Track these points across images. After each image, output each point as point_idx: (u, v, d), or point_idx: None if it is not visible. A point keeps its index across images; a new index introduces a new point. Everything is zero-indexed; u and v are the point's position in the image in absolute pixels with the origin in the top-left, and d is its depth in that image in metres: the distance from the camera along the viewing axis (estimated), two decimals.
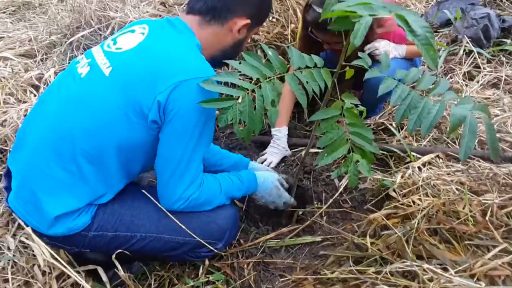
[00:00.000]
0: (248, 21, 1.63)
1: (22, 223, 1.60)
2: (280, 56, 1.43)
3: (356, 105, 1.48)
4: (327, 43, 2.31)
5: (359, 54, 1.44)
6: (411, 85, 1.41)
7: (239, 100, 1.32)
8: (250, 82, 1.33)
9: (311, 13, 2.19)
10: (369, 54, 2.34)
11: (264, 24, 2.81)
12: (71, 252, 1.74)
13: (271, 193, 1.97)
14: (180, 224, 1.66)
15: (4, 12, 4.18)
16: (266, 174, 1.99)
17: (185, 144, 1.52)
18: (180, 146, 1.53)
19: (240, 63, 1.32)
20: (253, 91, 1.35)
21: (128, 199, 1.68)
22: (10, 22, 3.93)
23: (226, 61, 1.46)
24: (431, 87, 1.39)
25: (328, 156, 1.46)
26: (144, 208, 1.67)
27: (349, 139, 1.46)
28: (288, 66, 1.47)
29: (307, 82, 1.36)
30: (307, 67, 1.42)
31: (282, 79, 1.39)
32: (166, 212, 1.64)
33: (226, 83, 1.49)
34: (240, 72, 1.39)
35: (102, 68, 1.52)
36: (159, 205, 1.65)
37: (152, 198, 1.66)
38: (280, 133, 2.54)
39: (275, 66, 1.37)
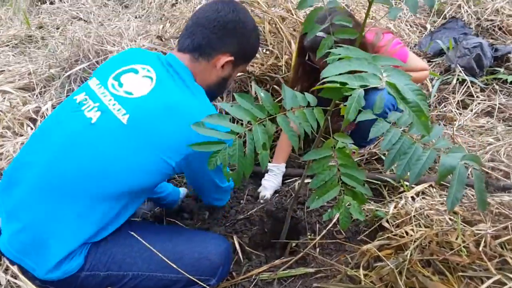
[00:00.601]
0: (231, 58, 1.73)
1: (8, 263, 1.59)
2: (271, 98, 1.44)
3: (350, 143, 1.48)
4: (324, 68, 2.33)
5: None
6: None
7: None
8: (241, 124, 1.34)
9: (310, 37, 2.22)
10: None
11: (258, 55, 2.85)
12: None
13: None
14: (170, 263, 1.66)
15: (7, 45, 4.24)
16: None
17: (210, 174, 1.82)
18: (208, 177, 1.83)
19: (232, 106, 1.33)
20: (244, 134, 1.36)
21: (121, 236, 1.67)
22: (13, 55, 3.99)
23: (219, 104, 1.53)
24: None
25: (319, 199, 1.45)
26: (135, 246, 1.66)
27: (341, 180, 1.45)
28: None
29: (299, 123, 1.37)
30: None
31: (274, 121, 1.40)
32: (156, 252, 1.66)
33: None
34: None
35: (117, 115, 1.54)
36: (148, 245, 1.67)
37: (141, 239, 1.67)
38: (278, 169, 2.57)
39: (266, 107, 1.37)
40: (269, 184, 2.52)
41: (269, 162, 2.59)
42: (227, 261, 1.83)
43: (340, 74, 1.09)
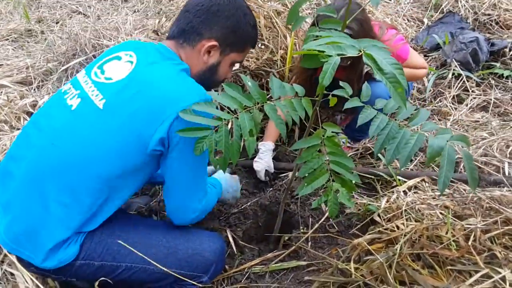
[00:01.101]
0: (214, 43, 1.67)
1: (6, 251, 1.61)
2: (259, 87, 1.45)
3: (338, 133, 1.50)
4: None
5: (340, 83, 1.45)
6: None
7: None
8: (229, 113, 1.35)
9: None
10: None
11: (253, 50, 2.85)
12: (59, 281, 1.77)
13: (232, 184, 2.18)
14: (155, 262, 1.68)
15: (6, 39, 4.25)
16: (218, 173, 2.20)
17: (191, 166, 1.61)
18: (187, 170, 1.62)
19: (219, 94, 1.35)
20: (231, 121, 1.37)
21: (116, 228, 1.69)
22: (12, 49, 3.99)
23: (208, 92, 1.49)
24: (410, 116, 1.39)
25: (308, 186, 1.46)
26: (132, 238, 1.68)
27: (329, 168, 1.46)
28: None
29: (287, 112, 1.38)
30: None
31: (262, 110, 1.41)
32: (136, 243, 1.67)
33: None
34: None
35: (95, 101, 1.55)
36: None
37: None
38: (264, 147, 2.59)
39: (254, 96, 1.39)
40: (258, 165, 2.54)
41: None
42: (220, 259, 1.83)
43: (320, 45, 1.12)
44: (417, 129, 1.36)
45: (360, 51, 1.10)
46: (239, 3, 1.71)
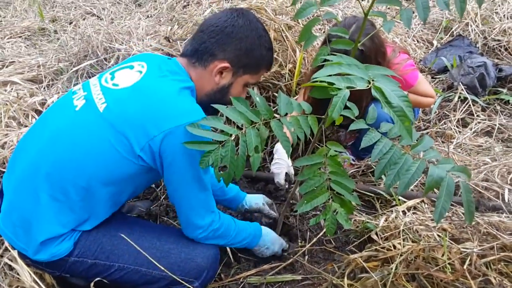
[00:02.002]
0: (227, 64, 1.66)
1: (8, 246, 1.64)
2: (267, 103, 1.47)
3: (341, 152, 1.51)
4: None
5: (347, 103, 1.46)
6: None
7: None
8: (237, 128, 1.37)
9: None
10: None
11: None
12: (54, 276, 1.80)
13: (275, 243, 2.08)
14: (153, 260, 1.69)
15: (20, 37, 4.30)
16: (266, 228, 2.09)
17: (190, 181, 1.61)
18: (186, 184, 1.61)
19: (227, 107, 1.37)
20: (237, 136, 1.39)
21: (112, 228, 1.72)
22: (25, 47, 4.04)
23: (214, 105, 1.49)
24: (414, 143, 1.40)
25: (307, 203, 1.48)
26: (125, 239, 1.70)
27: (330, 188, 1.47)
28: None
29: (293, 130, 1.39)
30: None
31: (268, 125, 1.42)
32: (136, 247, 1.68)
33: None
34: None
35: (97, 104, 1.58)
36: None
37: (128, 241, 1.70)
38: (281, 148, 2.49)
39: (261, 112, 1.40)
40: (277, 167, 2.39)
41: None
42: (213, 266, 1.83)
43: (329, 75, 1.13)
44: (420, 156, 1.37)
45: (369, 83, 1.10)
46: (255, 25, 1.69)
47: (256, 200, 2.28)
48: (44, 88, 3.24)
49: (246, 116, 1.38)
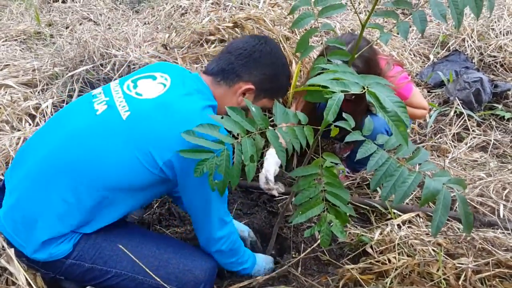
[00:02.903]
0: (251, 86, 1.73)
1: (5, 245, 1.61)
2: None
3: (337, 164, 1.50)
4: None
5: (344, 115, 1.46)
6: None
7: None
8: (232, 137, 1.36)
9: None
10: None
11: None
12: (47, 277, 1.76)
13: (268, 261, 2.13)
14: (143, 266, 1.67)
15: (15, 40, 4.28)
16: (263, 257, 2.12)
17: (209, 198, 1.65)
18: (201, 196, 1.65)
19: (222, 117, 1.36)
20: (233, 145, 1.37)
21: (112, 234, 1.70)
22: (20, 50, 4.02)
23: (210, 115, 1.50)
24: (410, 155, 1.40)
25: (302, 214, 1.47)
26: (125, 245, 1.69)
27: (325, 199, 1.47)
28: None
29: (289, 140, 1.39)
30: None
31: (263, 135, 1.42)
32: (129, 255, 1.66)
33: None
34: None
35: (120, 111, 1.59)
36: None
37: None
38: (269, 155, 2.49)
39: (257, 122, 1.39)
40: (267, 163, 2.39)
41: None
42: (210, 280, 1.81)
43: (324, 80, 1.13)
44: (416, 168, 1.36)
45: (364, 88, 1.11)
46: (279, 54, 1.79)
47: (242, 228, 2.29)
48: (38, 92, 3.22)
49: (241, 125, 1.37)
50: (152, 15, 4.41)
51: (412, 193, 2.50)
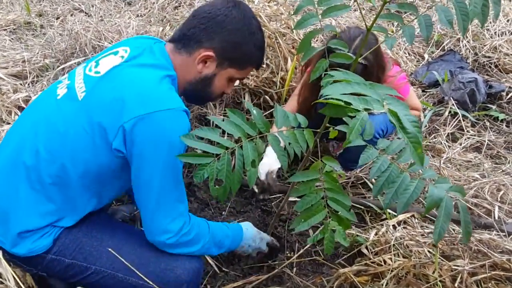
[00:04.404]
0: (211, 53, 1.60)
1: None
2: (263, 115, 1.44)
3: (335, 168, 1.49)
4: None
5: (344, 119, 1.44)
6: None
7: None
8: (232, 140, 1.33)
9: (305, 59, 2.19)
10: None
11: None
12: (32, 274, 1.73)
13: (255, 239, 1.95)
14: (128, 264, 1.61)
15: (5, 30, 4.19)
16: (245, 224, 1.97)
17: (160, 175, 1.51)
18: (155, 180, 1.51)
19: (223, 120, 1.33)
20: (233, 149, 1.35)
21: (94, 229, 1.66)
22: (9, 40, 3.94)
23: (209, 117, 1.45)
24: (412, 161, 1.37)
25: (304, 222, 1.45)
26: (106, 241, 1.64)
27: (327, 205, 1.45)
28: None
29: (289, 144, 1.36)
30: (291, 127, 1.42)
31: (264, 138, 1.39)
32: (112, 253, 1.61)
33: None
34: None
35: (78, 92, 1.55)
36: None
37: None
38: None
39: (258, 125, 1.37)
40: (270, 161, 2.27)
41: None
42: (194, 281, 1.71)
43: (343, 94, 1.09)
44: (417, 175, 1.36)
45: (383, 106, 1.07)
46: (248, 20, 1.63)
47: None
48: (28, 84, 3.16)
49: (242, 129, 1.34)
50: (145, 7, 4.34)
51: (415, 199, 2.50)
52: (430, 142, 3.02)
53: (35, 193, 1.53)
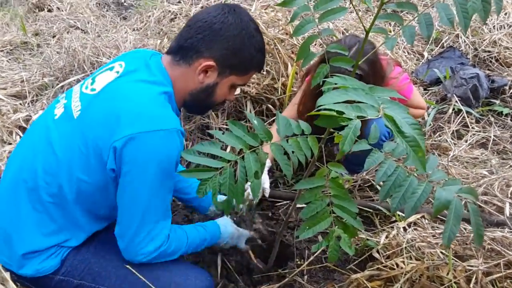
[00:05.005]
0: (212, 63, 1.56)
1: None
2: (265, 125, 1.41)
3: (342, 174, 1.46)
4: None
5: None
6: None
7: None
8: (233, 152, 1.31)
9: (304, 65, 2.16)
10: None
11: (254, 75, 2.82)
12: None
13: (233, 236, 1.95)
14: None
15: (2, 51, 4.21)
16: (224, 221, 1.96)
17: (145, 196, 1.48)
18: (140, 199, 1.48)
19: (223, 133, 1.30)
20: (235, 162, 1.32)
21: (102, 249, 1.65)
22: (7, 61, 3.96)
23: (210, 131, 1.43)
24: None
25: (309, 229, 1.42)
26: (114, 261, 1.62)
27: (332, 212, 1.42)
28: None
29: (292, 152, 1.34)
30: (294, 134, 1.39)
31: None
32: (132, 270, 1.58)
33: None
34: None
35: (74, 111, 1.53)
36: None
37: None
38: None
39: (259, 135, 1.34)
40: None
41: None
42: None
43: (336, 103, 1.06)
44: (425, 177, 1.33)
45: (379, 111, 1.04)
46: (246, 24, 1.58)
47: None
48: (28, 104, 3.17)
49: (244, 140, 1.32)
50: (140, 21, 4.34)
51: (422, 203, 2.47)
52: (435, 141, 2.99)
53: (37, 214, 1.52)
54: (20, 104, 3.12)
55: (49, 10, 4.90)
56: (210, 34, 1.54)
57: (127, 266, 1.58)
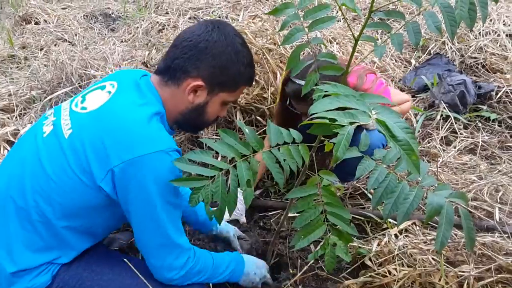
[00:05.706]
0: (200, 82, 1.54)
1: None
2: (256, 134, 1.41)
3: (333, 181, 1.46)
4: (305, 115, 2.27)
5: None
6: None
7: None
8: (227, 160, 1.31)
9: (291, 85, 2.15)
10: None
11: None
12: None
13: (260, 266, 1.95)
14: None
15: None
16: (253, 259, 1.96)
17: (157, 217, 1.49)
18: (153, 221, 1.50)
19: (215, 141, 1.30)
20: (227, 171, 1.33)
21: (94, 262, 1.63)
22: None
23: (201, 139, 1.43)
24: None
25: (304, 239, 1.42)
26: (106, 274, 1.61)
27: (326, 220, 1.42)
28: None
29: (284, 160, 1.34)
30: (285, 143, 1.39)
31: None
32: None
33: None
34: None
35: (64, 130, 1.52)
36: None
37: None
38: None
39: (251, 143, 1.35)
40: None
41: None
42: None
43: (328, 110, 1.06)
44: (416, 183, 1.34)
45: (371, 117, 1.04)
46: (231, 40, 1.56)
47: (227, 229, 2.20)
48: (16, 117, 3.13)
49: (235, 148, 1.32)
50: (128, 32, 4.33)
51: (415, 208, 2.48)
52: (424, 147, 3.01)
53: (26, 232, 1.50)
54: (8, 118, 3.09)
55: (36, 23, 4.87)
56: (196, 53, 1.53)
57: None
